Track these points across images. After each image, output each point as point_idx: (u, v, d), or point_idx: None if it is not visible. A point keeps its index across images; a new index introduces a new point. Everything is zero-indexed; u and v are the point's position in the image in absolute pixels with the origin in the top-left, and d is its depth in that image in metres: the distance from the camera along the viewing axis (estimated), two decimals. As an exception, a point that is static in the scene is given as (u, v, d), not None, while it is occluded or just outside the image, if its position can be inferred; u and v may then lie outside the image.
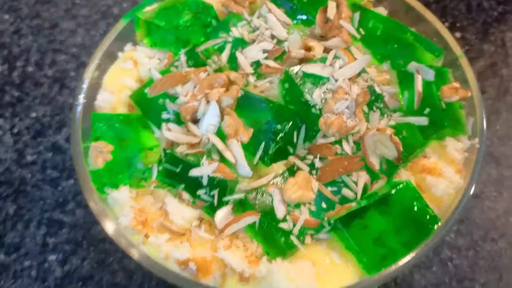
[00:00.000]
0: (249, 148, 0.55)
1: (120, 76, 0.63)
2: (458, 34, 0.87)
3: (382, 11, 0.68)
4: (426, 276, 0.67)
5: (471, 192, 0.53)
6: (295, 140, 0.57)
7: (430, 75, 0.57)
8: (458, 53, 0.60)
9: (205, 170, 0.53)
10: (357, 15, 0.64)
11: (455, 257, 0.68)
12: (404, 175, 0.55)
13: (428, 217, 0.51)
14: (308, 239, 0.52)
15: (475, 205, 0.71)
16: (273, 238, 0.51)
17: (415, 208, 0.51)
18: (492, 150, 0.76)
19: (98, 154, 0.55)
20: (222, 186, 0.52)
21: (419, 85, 0.57)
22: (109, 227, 0.52)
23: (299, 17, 0.66)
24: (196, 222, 0.53)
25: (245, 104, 0.58)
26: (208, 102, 0.57)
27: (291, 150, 0.57)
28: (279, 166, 0.56)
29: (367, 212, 0.51)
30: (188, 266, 0.50)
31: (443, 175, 0.54)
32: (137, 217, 0.52)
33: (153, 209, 0.54)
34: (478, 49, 0.86)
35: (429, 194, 0.53)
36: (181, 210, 0.53)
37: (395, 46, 0.62)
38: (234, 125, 0.55)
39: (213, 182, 0.53)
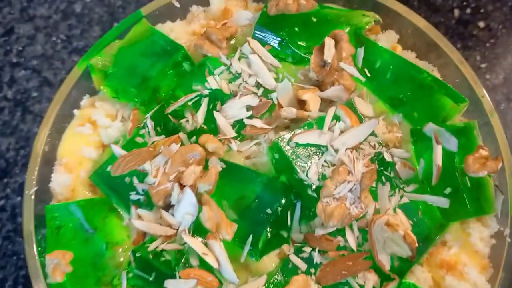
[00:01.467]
0: (235, 240, 0.47)
1: (77, 145, 0.53)
2: (481, 24, 0.73)
3: (392, 36, 0.55)
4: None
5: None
6: (289, 222, 0.48)
7: (453, 144, 0.46)
8: (488, 109, 0.48)
9: (182, 286, 0.44)
10: (361, 51, 0.52)
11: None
12: (419, 272, 0.46)
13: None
14: None
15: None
16: None
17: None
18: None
19: (56, 267, 0.46)
20: (206, 303, 0.45)
21: (438, 157, 0.46)
22: None
23: (289, 52, 0.53)
24: None
25: (229, 178, 0.49)
26: (182, 186, 0.48)
27: (285, 235, 0.48)
28: (271, 259, 0.48)
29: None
30: None
31: (465, 277, 0.45)
32: None
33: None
34: (506, 42, 0.72)
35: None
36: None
37: (409, 89, 0.51)
38: (215, 218, 0.46)
39: (195, 299, 0.45)
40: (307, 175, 0.47)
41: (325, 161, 0.47)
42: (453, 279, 0.45)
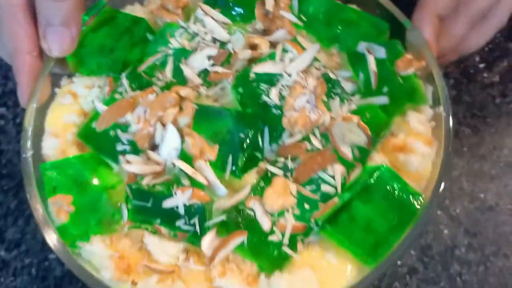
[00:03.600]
0: (217, 164, 0.53)
1: (61, 114, 0.58)
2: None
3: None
4: (434, 291, 0.66)
5: (447, 164, 0.52)
6: (261, 144, 0.55)
7: (382, 52, 0.56)
8: (403, 20, 0.59)
9: (179, 199, 0.50)
10: (295, 2, 0.62)
11: (465, 272, 0.67)
12: (377, 158, 0.54)
13: (410, 195, 0.51)
14: (299, 246, 0.50)
15: (489, 218, 0.70)
16: (265, 253, 0.49)
17: (396, 190, 0.51)
18: (510, 160, 0.74)
19: (60, 209, 0.51)
20: (201, 212, 0.50)
21: (372, 65, 0.56)
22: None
23: (237, 12, 0.63)
24: (183, 255, 0.51)
25: (202, 118, 0.56)
26: (163, 125, 0.54)
27: (259, 156, 0.55)
28: (252, 176, 0.54)
29: (351, 205, 0.50)
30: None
31: (414, 151, 0.54)
32: (119, 267, 0.49)
33: (133, 252, 0.51)
34: (503, 48, 0.82)
35: (406, 172, 0.53)
36: (163, 247, 0.50)
37: (339, 27, 0.61)
38: (198, 145, 0.53)
39: (190, 210, 0.50)
40: (269, 97, 0.55)
41: (281, 85, 0.56)
42: (404, 156, 0.53)
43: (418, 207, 0.50)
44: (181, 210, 0.50)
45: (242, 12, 0.63)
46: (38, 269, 0.68)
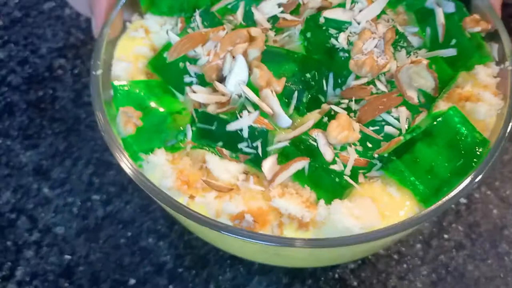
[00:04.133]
0: (281, 100, 0.54)
1: (132, 46, 0.60)
2: None
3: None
4: (480, 268, 0.66)
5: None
6: (325, 88, 0.56)
7: (451, 7, 0.57)
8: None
9: (244, 121, 0.51)
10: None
11: (514, 252, 0.66)
12: (443, 106, 0.54)
13: (477, 140, 0.50)
14: (361, 178, 0.50)
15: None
16: (326, 180, 0.49)
17: (463, 134, 0.50)
18: None
19: (128, 120, 0.52)
20: (264, 135, 0.51)
21: (441, 17, 0.57)
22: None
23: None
24: (242, 176, 0.51)
25: (269, 59, 0.57)
26: (233, 57, 0.55)
27: (323, 99, 0.56)
28: (314, 116, 0.55)
29: (415, 146, 0.50)
30: (244, 219, 0.47)
31: (482, 99, 0.54)
32: (180, 177, 0.50)
33: (193, 171, 0.52)
34: None
35: (472, 120, 0.53)
36: (224, 165, 0.51)
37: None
38: (266, 76, 0.54)
39: (254, 133, 0.51)
40: (337, 41, 0.56)
41: (350, 32, 0.57)
42: (471, 104, 0.54)
43: (483, 152, 0.50)
44: (245, 133, 0.51)
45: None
46: (80, 208, 0.69)
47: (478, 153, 0.50)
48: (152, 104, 0.55)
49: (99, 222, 0.69)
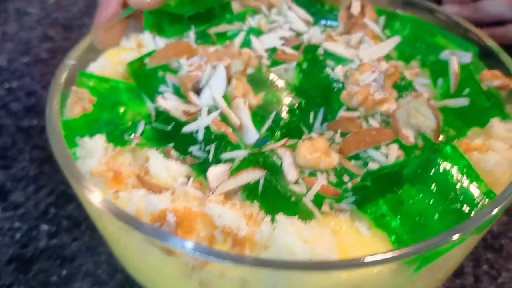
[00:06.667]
0: (255, 116, 0.46)
1: (120, 52, 0.56)
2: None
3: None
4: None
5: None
6: (311, 121, 0.48)
7: (467, 57, 0.51)
8: (495, 48, 0.53)
9: (202, 121, 0.43)
10: (382, 19, 0.60)
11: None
12: (443, 152, 0.44)
13: (479, 192, 0.40)
14: (325, 207, 0.40)
15: None
16: (280, 198, 0.39)
17: (463, 182, 0.40)
18: None
19: (78, 101, 0.46)
20: (220, 141, 0.43)
21: (455, 66, 0.50)
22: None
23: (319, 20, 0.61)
24: (183, 179, 0.42)
25: (257, 82, 0.51)
26: (214, 68, 0.50)
27: (306, 131, 0.48)
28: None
29: (403, 186, 0.40)
30: (165, 220, 0.37)
31: (492, 149, 0.43)
32: (109, 162, 0.41)
33: (130, 169, 0.43)
34: None
35: (478, 169, 0.42)
36: (166, 165, 0.42)
37: (424, 46, 0.57)
38: (242, 88, 0.47)
39: (210, 136, 0.43)
40: (333, 71, 0.50)
41: (349, 68, 0.51)
42: (479, 154, 0.43)
43: (482, 203, 0.39)
44: (200, 135, 0.43)
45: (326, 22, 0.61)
46: (24, 235, 0.61)
47: (479, 205, 0.39)
48: (114, 102, 0.49)
49: (37, 253, 0.60)
